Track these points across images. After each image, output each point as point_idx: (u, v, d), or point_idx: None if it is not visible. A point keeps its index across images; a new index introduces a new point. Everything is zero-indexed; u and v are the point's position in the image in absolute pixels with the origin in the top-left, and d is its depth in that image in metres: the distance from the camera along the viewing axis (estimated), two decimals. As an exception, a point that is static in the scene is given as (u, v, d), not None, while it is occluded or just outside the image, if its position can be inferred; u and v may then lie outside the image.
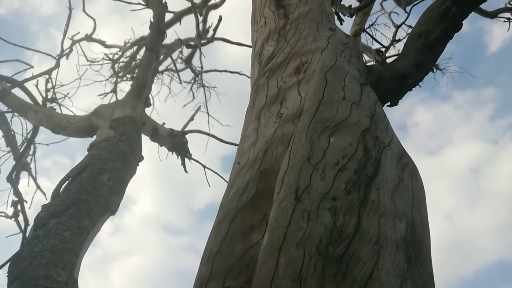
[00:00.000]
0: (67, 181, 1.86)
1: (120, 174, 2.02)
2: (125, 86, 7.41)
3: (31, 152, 4.95)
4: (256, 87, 2.00)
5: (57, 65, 4.45)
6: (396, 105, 2.27)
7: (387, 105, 2.26)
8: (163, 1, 3.77)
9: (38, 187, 5.00)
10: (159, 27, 3.36)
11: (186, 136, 3.62)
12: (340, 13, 3.53)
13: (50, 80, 4.46)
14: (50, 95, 4.66)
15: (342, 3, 3.38)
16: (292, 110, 1.63)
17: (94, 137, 2.88)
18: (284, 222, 1.05)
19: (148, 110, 4.74)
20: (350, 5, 3.67)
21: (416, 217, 1.16)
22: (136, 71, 6.57)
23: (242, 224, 1.34)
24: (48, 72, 4.42)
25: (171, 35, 7.04)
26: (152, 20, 3.44)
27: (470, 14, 2.38)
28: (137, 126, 2.64)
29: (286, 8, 2.44)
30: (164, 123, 3.35)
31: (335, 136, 1.32)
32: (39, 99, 4.69)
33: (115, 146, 2.18)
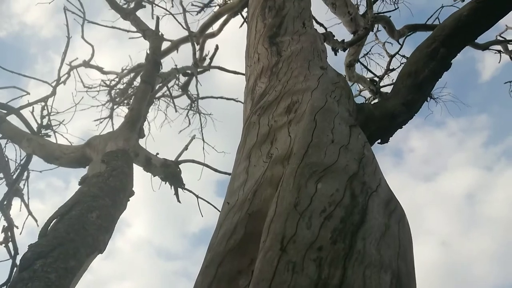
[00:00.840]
0: (55, 219, 1.85)
1: (109, 211, 2.01)
2: (121, 111, 7.45)
3: (24, 177, 4.94)
4: (247, 124, 2.02)
5: (53, 93, 4.48)
6: (387, 142, 2.30)
7: (378, 143, 2.28)
8: (160, 33, 3.85)
9: (30, 213, 4.96)
10: (155, 59, 3.41)
11: (180, 166, 3.62)
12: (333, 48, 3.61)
13: (46, 107, 4.49)
14: (45, 121, 4.68)
15: (335, 38, 3.47)
16: (282, 151, 1.65)
17: (87, 168, 2.88)
18: (269, 274, 1.05)
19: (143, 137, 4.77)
20: (343, 40, 3.75)
21: (402, 267, 1.16)
22: (131, 99, 6.63)
23: (229, 269, 1.34)
24: (44, 99, 4.45)
25: (168, 62, 7.12)
26: (148, 52, 3.51)
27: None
28: (129, 159, 2.65)
29: (279, 46, 2.49)
30: (157, 153, 3.36)
31: (322, 182, 1.33)
32: (34, 125, 4.72)
33: (105, 182, 2.18)
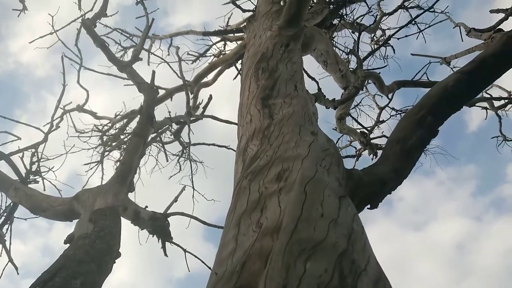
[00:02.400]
0: (37, 287, 1.80)
1: (94, 278, 1.96)
2: (112, 156, 7.42)
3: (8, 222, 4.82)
4: (238, 189, 2.03)
5: (45, 139, 4.48)
6: (376, 208, 2.31)
7: (367, 208, 2.29)
8: (155, 87, 3.93)
9: (11, 260, 4.80)
10: (148, 112, 3.46)
11: (169, 218, 3.58)
12: (325, 107, 3.70)
13: (36, 154, 4.47)
14: (34, 167, 4.64)
15: (326, 98, 3.57)
16: (272, 222, 1.65)
17: (74, 222, 2.84)
18: None
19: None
20: (334, 99, 3.85)
21: None
22: (123, 146, 6.63)
23: None
24: (35, 146, 4.44)
25: (161, 106, 7.17)
26: (142, 104, 3.56)
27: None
28: (117, 217, 2.62)
29: (271, 108, 2.55)
30: (146, 206, 3.33)
31: (311, 261, 1.33)
32: (23, 170, 4.67)
33: (92, 245, 2.14)
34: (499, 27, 5.07)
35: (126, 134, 6.61)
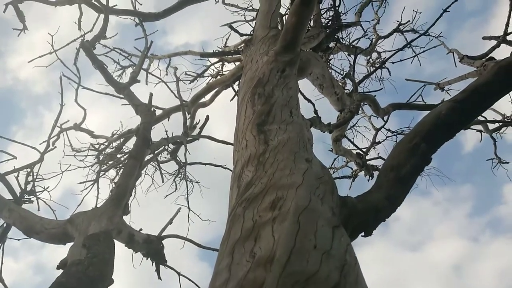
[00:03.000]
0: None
1: (86, 306, 1.95)
2: (108, 172, 7.39)
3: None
4: (233, 216, 2.03)
5: (40, 159, 4.48)
6: (370, 235, 2.31)
7: (361, 236, 2.29)
8: (152, 109, 3.96)
9: (2, 281, 4.74)
10: (145, 135, 3.48)
11: (163, 241, 3.56)
12: (320, 131, 3.74)
13: (31, 174, 4.46)
14: (29, 187, 4.63)
15: (321, 122, 3.60)
16: (265, 252, 1.65)
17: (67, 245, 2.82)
18: None
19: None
20: (329, 123, 3.89)
21: None
22: (119, 165, 6.63)
23: None
24: (31, 165, 4.43)
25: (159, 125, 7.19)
26: (139, 126, 3.59)
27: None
28: (111, 242, 2.61)
29: (266, 134, 2.57)
30: (141, 229, 3.32)
31: (304, 295, 1.33)
32: (18, 190, 4.65)
33: (84, 272, 2.12)
34: (491, 55, 5.17)
35: (123, 154, 6.62)
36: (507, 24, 4.68)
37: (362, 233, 2.31)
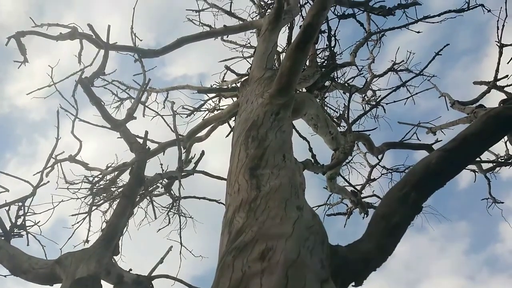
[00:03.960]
0: None
1: None
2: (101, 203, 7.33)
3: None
4: (222, 265, 2.02)
5: (33, 193, 4.46)
6: (361, 285, 2.29)
7: (352, 285, 2.27)
8: (147, 147, 3.99)
9: (-14, 317, 4.61)
10: (139, 173, 3.48)
11: (153, 281, 3.50)
12: (314, 172, 3.76)
13: (23, 208, 4.43)
14: (20, 221, 4.58)
15: (314, 164, 3.63)
16: (253, 306, 1.64)
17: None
18: None
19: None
20: (323, 164, 3.92)
21: None
22: (112, 199, 6.59)
23: None
24: (23, 199, 4.41)
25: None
26: (133, 165, 3.60)
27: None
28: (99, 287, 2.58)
29: (259, 179, 2.58)
30: (130, 269, 3.27)
31: None
32: (8, 223, 4.59)
33: (69, 321, 2.09)
34: (481, 102, 5.29)
35: (116, 187, 6.59)
36: (497, 70, 4.81)
37: (353, 283, 2.29)
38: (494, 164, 7.71)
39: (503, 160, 7.62)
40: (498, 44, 4.51)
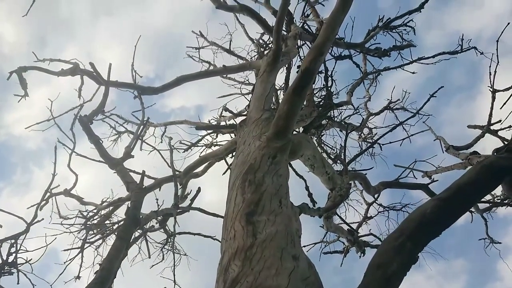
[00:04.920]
0: None
1: None
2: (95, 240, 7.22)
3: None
4: (216, 317, 2.00)
5: (26, 231, 4.41)
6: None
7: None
8: (143, 186, 3.99)
9: None
10: (134, 214, 3.47)
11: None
12: (310, 216, 3.76)
13: (15, 245, 4.37)
14: (11, 258, 4.51)
15: (310, 208, 3.63)
16: None
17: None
18: None
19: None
20: (319, 207, 3.92)
21: None
22: (105, 236, 6.52)
23: None
24: (15, 237, 4.35)
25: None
26: (129, 205, 3.60)
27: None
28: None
29: (255, 225, 2.58)
30: (122, 313, 3.20)
31: None
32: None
33: None
34: (476, 146, 5.37)
35: (111, 223, 6.53)
36: (490, 114, 4.91)
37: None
38: (490, 204, 7.71)
39: (499, 201, 7.63)
40: (491, 90, 4.62)
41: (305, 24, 7.67)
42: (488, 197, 8.08)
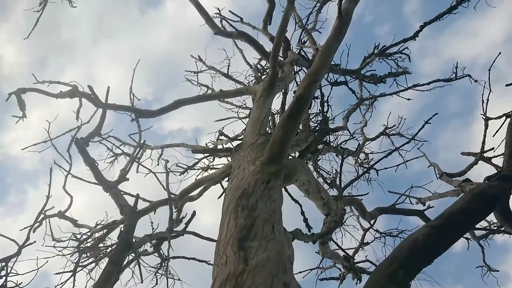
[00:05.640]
0: None
1: None
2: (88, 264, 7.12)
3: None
4: None
5: (18, 253, 4.36)
6: None
7: None
8: (137, 210, 3.98)
9: None
10: (127, 239, 3.45)
11: None
12: (304, 241, 3.74)
13: (6, 267, 4.31)
14: (1, 282, 4.44)
15: (304, 234, 3.62)
16: None
17: None
18: None
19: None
20: (313, 233, 3.90)
21: None
22: (98, 259, 6.44)
23: None
24: (6, 259, 4.30)
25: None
26: (122, 229, 3.58)
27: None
28: None
29: (247, 251, 2.57)
30: None
31: None
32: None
33: None
34: (470, 173, 5.40)
35: (105, 246, 6.46)
36: (483, 142, 4.95)
37: None
38: (487, 231, 7.67)
39: (495, 228, 7.60)
40: (484, 117, 4.67)
41: (301, 51, 7.81)
42: (484, 224, 8.06)
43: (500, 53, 4.74)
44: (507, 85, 3.49)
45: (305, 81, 3.74)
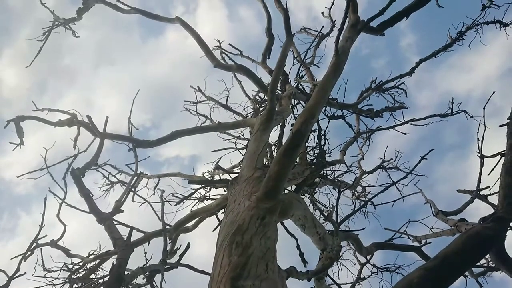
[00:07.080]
0: None
1: None
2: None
3: None
4: None
5: (7, 285, 4.28)
6: None
7: None
8: (130, 242, 3.94)
9: None
10: (119, 273, 3.41)
11: None
12: (298, 279, 3.69)
13: (-5, 299, 4.23)
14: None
15: (299, 271, 3.58)
16: None
17: None
18: None
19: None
20: (308, 271, 3.85)
21: None
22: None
23: None
24: (-4, 291, 4.22)
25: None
26: (114, 263, 3.53)
27: None
28: None
29: (239, 292, 2.53)
30: None
31: None
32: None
33: None
34: (466, 211, 5.39)
35: (96, 277, 6.33)
36: (479, 180, 4.96)
37: None
38: (485, 268, 7.57)
39: (494, 265, 7.50)
40: (479, 155, 4.70)
41: (299, 84, 7.92)
42: (482, 260, 7.97)
43: (494, 92, 4.82)
44: (501, 126, 3.53)
45: (302, 116, 3.79)
